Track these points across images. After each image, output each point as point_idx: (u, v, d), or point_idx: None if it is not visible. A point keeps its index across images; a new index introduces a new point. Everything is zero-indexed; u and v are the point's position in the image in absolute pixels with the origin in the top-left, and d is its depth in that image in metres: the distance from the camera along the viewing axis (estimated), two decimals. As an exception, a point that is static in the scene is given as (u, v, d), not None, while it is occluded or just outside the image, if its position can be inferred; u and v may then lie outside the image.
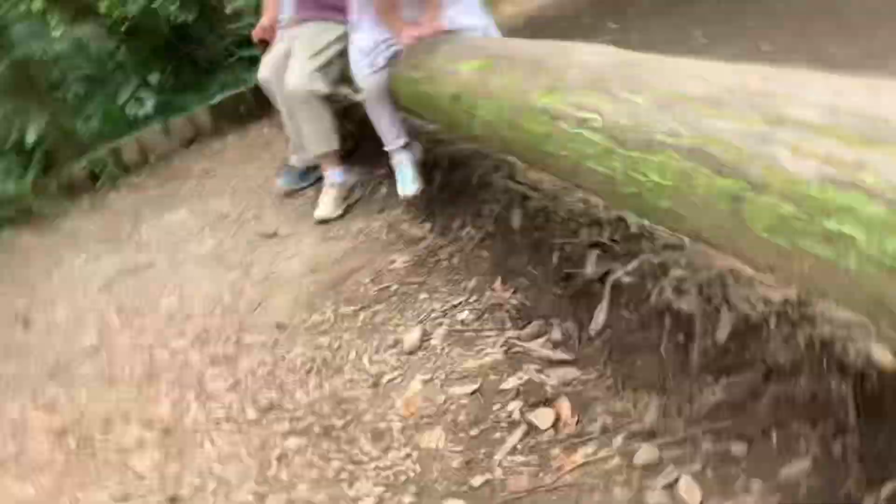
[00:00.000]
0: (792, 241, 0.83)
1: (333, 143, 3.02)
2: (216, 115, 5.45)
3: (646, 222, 1.77)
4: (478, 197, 2.47)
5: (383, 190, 3.13)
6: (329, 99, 3.07)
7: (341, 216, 2.94)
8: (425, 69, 2.11)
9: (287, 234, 3.07)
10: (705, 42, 3.54)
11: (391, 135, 2.66)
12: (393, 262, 2.45)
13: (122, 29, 6.62)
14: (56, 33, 6.41)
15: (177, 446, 1.76)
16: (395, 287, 2.27)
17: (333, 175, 3.04)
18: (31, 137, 4.68)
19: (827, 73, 0.93)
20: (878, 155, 0.74)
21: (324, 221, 2.93)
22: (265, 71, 3.20)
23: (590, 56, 1.39)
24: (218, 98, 5.58)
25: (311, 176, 3.48)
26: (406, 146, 2.70)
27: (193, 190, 4.30)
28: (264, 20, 3.38)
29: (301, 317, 2.26)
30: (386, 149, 2.70)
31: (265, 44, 3.35)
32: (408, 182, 2.65)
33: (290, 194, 3.49)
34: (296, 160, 3.50)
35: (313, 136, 3.00)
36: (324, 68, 2.97)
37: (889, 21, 2.86)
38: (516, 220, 2.16)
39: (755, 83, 0.97)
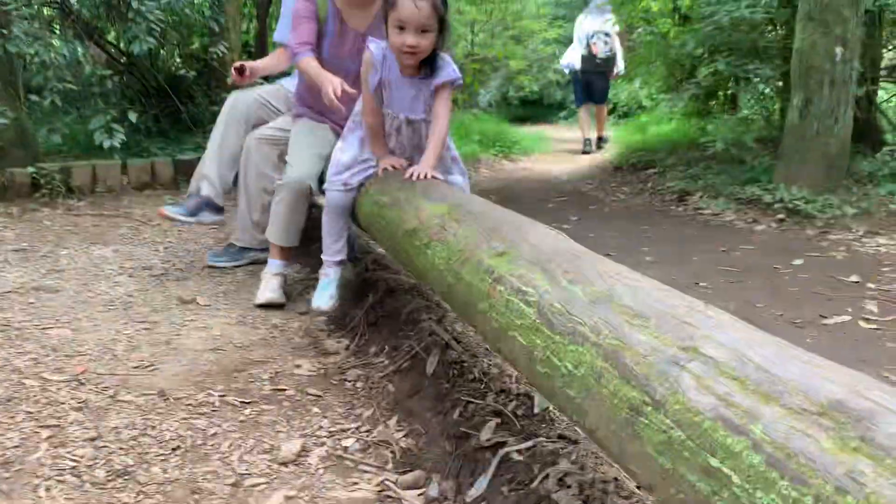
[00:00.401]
0: (675, 464, 0.86)
1: (296, 241, 3.05)
2: (178, 170, 5.44)
3: (550, 406, 1.80)
4: (402, 330, 2.48)
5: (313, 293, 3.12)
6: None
7: (282, 305, 2.96)
8: (392, 197, 2.18)
9: (204, 304, 3.01)
10: (650, 260, 3.75)
11: (333, 248, 2.69)
12: (298, 367, 2.41)
13: (122, 61, 6.73)
14: (56, 42, 6.47)
15: (9, 484, 1.62)
16: (290, 392, 2.21)
17: (278, 265, 3.05)
18: (-12, 129, 4.57)
19: (745, 323, 0.99)
20: (771, 410, 0.79)
21: (269, 305, 2.93)
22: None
23: (544, 237, 1.46)
24: (186, 156, 5.59)
25: (243, 257, 3.50)
26: (340, 263, 2.73)
27: (128, 233, 4.22)
28: (251, 63, 3.46)
29: (186, 391, 2.17)
30: (322, 257, 2.73)
31: (240, 71, 3.34)
32: (325, 296, 2.67)
33: (216, 269, 3.47)
34: (237, 239, 3.51)
35: (285, 227, 2.98)
36: (319, 170, 2.98)
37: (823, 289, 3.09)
38: (431, 365, 2.16)
39: (681, 309, 1.03)
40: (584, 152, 9.29)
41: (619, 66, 9.19)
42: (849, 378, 0.79)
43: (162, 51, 6.80)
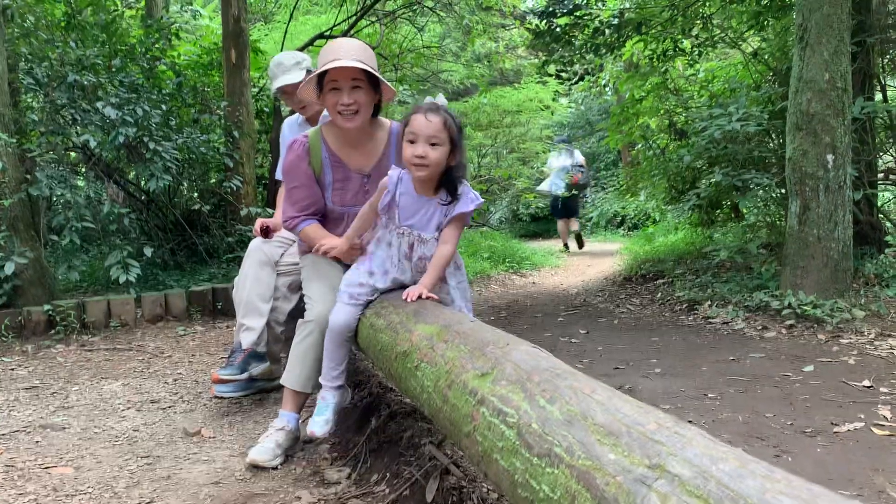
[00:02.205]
0: (644, 590, 0.84)
1: (309, 387, 2.69)
2: (192, 301, 5.54)
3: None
4: (403, 456, 2.45)
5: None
6: None
7: (276, 468, 2.61)
8: (387, 319, 2.21)
9: (209, 436, 3.00)
10: (659, 372, 3.71)
11: (333, 372, 2.55)
12: (299, 499, 2.37)
13: (141, 198, 7.02)
14: (80, 182, 6.78)
15: None
16: (289, 525, 2.16)
17: (288, 418, 2.70)
18: (8, 269, 4.73)
19: (711, 437, 1.00)
20: (730, 528, 0.78)
21: (257, 467, 2.59)
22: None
23: (525, 356, 1.48)
24: (199, 287, 5.71)
25: (252, 385, 3.47)
26: (339, 388, 2.59)
27: (139, 366, 4.26)
28: (269, 221, 3.56)
29: (184, 528, 2.13)
30: (320, 380, 2.59)
31: (264, 233, 3.48)
32: (320, 421, 2.52)
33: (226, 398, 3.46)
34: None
35: (298, 369, 2.64)
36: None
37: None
38: (431, 491, 2.12)
39: (650, 426, 1.04)
40: (566, 246, 11.83)
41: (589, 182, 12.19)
42: (806, 492, 0.79)
43: (181, 187, 7.11)
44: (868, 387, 3.24)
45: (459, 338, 1.75)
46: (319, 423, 2.53)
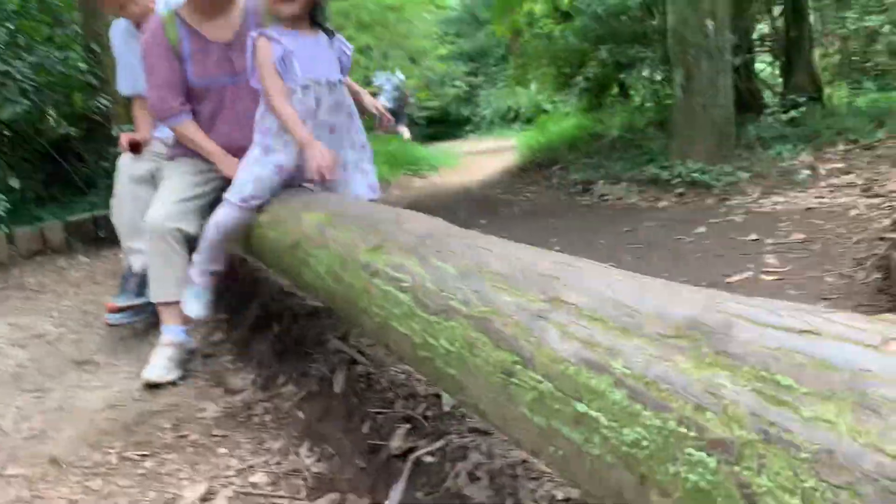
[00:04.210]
0: (549, 420, 0.81)
1: (182, 294, 2.57)
2: (71, 233, 5.18)
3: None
4: (310, 355, 2.38)
5: (217, 335, 2.99)
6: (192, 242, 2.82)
7: (173, 383, 2.47)
8: (273, 214, 2.09)
9: (102, 363, 2.83)
10: (558, 250, 3.75)
11: (210, 259, 2.43)
12: (203, 410, 2.27)
13: (2, 129, 6.41)
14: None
15: None
16: (195, 437, 2.07)
17: (174, 332, 2.57)
18: None
19: (609, 267, 0.95)
20: (630, 343, 0.74)
21: (154, 385, 2.45)
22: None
23: (418, 224, 1.40)
24: (77, 217, 5.34)
25: (150, 309, 3.28)
26: (215, 274, 2.48)
27: (19, 303, 3.96)
28: (135, 135, 3.27)
29: (80, 454, 2.01)
30: (193, 265, 2.46)
31: (135, 148, 3.20)
32: (196, 303, 2.45)
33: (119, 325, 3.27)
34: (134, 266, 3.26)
35: (160, 281, 2.56)
36: (193, 209, 2.63)
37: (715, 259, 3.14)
38: (339, 383, 2.07)
39: (545, 265, 0.99)
40: None
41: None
42: (704, 297, 0.76)
43: (45, 113, 6.52)
44: (755, 240, 3.38)
45: (350, 220, 1.66)
46: (198, 306, 2.43)
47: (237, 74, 2.61)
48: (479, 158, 10.32)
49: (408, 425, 1.71)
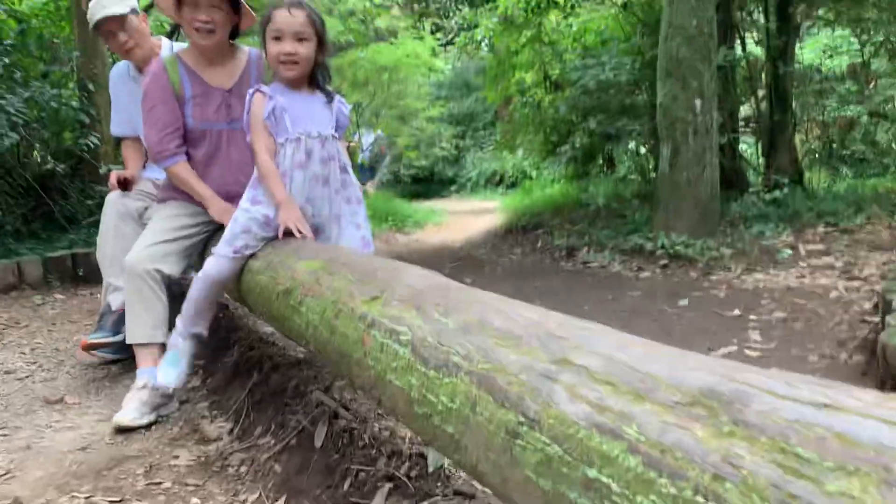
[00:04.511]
0: (556, 484, 0.79)
1: (158, 336, 2.55)
2: (49, 270, 5.10)
3: (446, 462, 1.70)
4: (289, 406, 2.33)
5: (194, 381, 2.92)
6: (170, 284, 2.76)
7: (147, 427, 2.42)
8: (265, 260, 2.07)
9: (73, 402, 2.75)
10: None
11: (195, 318, 2.37)
12: (177, 457, 2.20)
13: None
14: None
15: None
16: (167, 485, 2.01)
17: (147, 374, 2.51)
18: None
19: (617, 330, 0.95)
20: (643, 409, 0.74)
21: (124, 430, 2.39)
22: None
23: (417, 278, 1.40)
24: (57, 253, 5.27)
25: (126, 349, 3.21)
26: (196, 336, 2.42)
27: (-10, 337, 3.86)
28: (125, 173, 3.27)
29: (47, 497, 1.93)
30: (178, 326, 2.40)
31: (122, 186, 3.20)
32: (174, 372, 2.38)
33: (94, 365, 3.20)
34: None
35: (136, 322, 2.54)
36: (175, 251, 2.62)
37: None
38: (320, 437, 2.03)
39: (551, 325, 0.98)
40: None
41: None
42: (719, 366, 0.75)
43: (32, 147, 6.49)
44: (738, 315, 3.41)
45: (346, 268, 1.65)
46: (172, 375, 2.36)
47: (234, 120, 2.64)
48: (464, 218, 10.39)
49: (390, 484, 1.67)
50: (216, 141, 2.69)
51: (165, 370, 2.37)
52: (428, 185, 16.45)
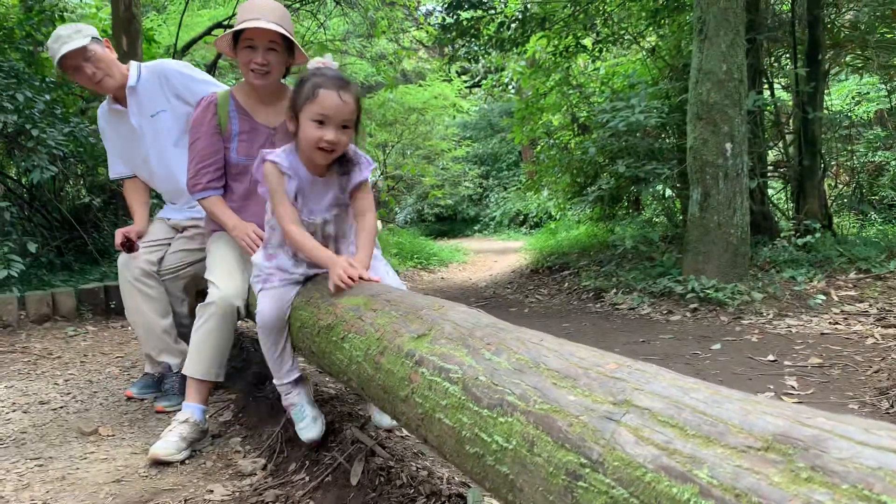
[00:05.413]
0: (621, 528, 0.78)
1: (214, 375, 2.56)
2: (82, 301, 5.17)
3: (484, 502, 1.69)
4: (324, 442, 2.32)
5: (227, 415, 2.93)
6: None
7: (182, 462, 2.43)
8: (306, 296, 2.09)
9: (108, 435, 2.77)
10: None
11: (283, 368, 2.24)
12: (211, 492, 2.20)
13: (23, 194, 6.52)
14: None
15: None
16: (203, 519, 2.01)
17: (192, 410, 2.54)
18: None
19: (675, 372, 0.95)
20: (714, 453, 0.73)
21: (160, 463, 2.40)
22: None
23: (463, 315, 1.41)
24: (90, 285, 5.35)
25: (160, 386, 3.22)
26: (299, 381, 2.29)
27: (24, 368, 3.92)
28: (133, 227, 3.19)
29: (83, 529, 1.94)
30: (276, 383, 2.30)
31: (127, 248, 3.10)
32: (307, 423, 2.24)
33: (131, 399, 3.22)
34: (151, 368, 3.25)
35: (210, 358, 2.52)
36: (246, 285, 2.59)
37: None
38: (356, 474, 2.02)
39: (609, 366, 0.98)
40: None
41: None
42: (789, 410, 0.75)
43: (68, 181, 6.64)
44: (773, 361, 3.36)
45: (389, 305, 1.66)
46: (308, 426, 2.24)
47: None
48: (488, 257, 10.41)
49: (430, 525, 1.66)
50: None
51: (299, 428, 2.25)
52: (451, 223, 16.55)
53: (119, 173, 3.38)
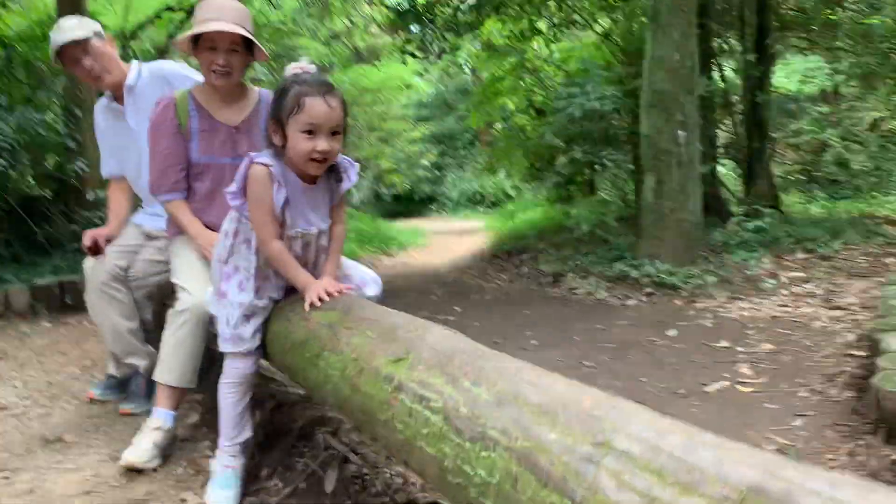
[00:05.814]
0: (606, 570, 0.84)
1: (187, 381, 2.52)
2: (36, 298, 5.06)
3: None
4: (296, 447, 2.35)
5: (193, 417, 2.93)
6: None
7: (154, 470, 2.39)
8: (277, 308, 2.10)
9: (73, 442, 2.74)
10: (536, 344, 3.82)
11: (236, 429, 2.15)
12: (184, 501, 2.21)
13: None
14: None
15: None
16: (177, 531, 2.02)
17: (164, 416, 2.49)
18: None
19: (650, 409, 1.00)
20: (693, 502, 0.79)
21: (133, 470, 2.36)
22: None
23: (442, 339, 1.44)
24: (44, 280, 5.23)
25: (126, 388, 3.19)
26: (244, 445, 2.18)
27: (-22, 370, 3.83)
28: (104, 230, 3.14)
29: (57, 546, 1.94)
30: (220, 443, 2.18)
31: (93, 252, 3.05)
32: (224, 496, 2.10)
33: (93, 401, 3.19)
34: (115, 369, 3.22)
35: (182, 363, 2.49)
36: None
37: (691, 364, 3.22)
38: (330, 482, 2.05)
39: (587, 402, 1.03)
40: None
41: None
42: (761, 460, 0.81)
43: (13, 171, 6.43)
44: (726, 347, 3.49)
45: (364, 323, 1.69)
46: (223, 497, 2.09)
47: (239, 156, 2.66)
48: (447, 238, 10.47)
49: (406, 534, 1.70)
50: (219, 175, 2.72)
51: (216, 493, 2.10)
52: (408, 203, 16.54)
53: (111, 172, 3.32)
